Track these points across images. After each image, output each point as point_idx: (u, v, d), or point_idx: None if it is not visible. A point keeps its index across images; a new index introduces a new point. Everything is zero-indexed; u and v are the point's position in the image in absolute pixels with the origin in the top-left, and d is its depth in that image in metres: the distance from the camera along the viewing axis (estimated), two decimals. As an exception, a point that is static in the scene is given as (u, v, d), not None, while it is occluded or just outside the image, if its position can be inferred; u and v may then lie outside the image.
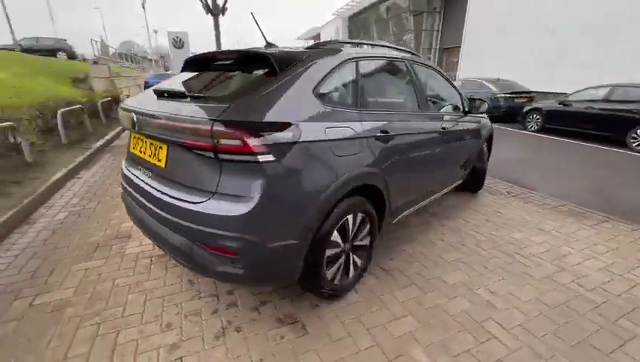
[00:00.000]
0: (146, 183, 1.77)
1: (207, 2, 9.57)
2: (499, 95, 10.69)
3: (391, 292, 2.10)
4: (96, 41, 19.53)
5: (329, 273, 1.87)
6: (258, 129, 1.40)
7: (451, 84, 3.16)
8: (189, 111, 1.49)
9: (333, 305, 1.97)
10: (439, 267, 2.40)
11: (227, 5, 9.91)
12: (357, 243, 2.04)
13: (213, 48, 9.54)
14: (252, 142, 1.38)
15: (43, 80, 9.57)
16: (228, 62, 1.97)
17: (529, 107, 9.65)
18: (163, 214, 1.61)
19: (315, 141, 1.60)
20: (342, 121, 1.78)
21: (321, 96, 1.73)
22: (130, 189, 1.92)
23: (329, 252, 1.81)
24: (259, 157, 1.41)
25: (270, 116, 1.45)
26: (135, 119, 1.73)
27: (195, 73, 2.14)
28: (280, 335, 1.74)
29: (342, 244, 1.90)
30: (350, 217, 1.89)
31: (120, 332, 1.74)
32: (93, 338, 1.70)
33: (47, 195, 3.57)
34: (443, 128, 2.68)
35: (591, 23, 10.79)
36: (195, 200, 1.50)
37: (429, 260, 2.48)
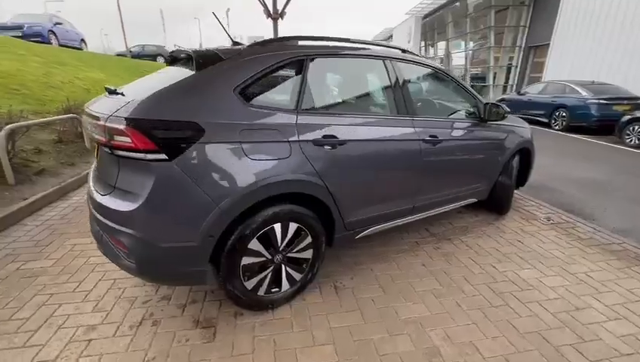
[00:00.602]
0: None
1: (267, 7, 10.09)
2: (591, 101, 8.88)
3: (327, 315, 1.89)
4: (179, 47, 22.36)
5: (249, 282, 1.77)
6: (148, 126, 1.39)
7: (464, 88, 2.71)
8: (102, 107, 1.55)
9: (257, 317, 1.85)
10: (401, 296, 2.07)
11: (286, 9, 10.30)
12: (292, 255, 1.89)
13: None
14: (140, 139, 1.38)
15: (130, 78, 11.28)
16: (181, 60, 2.02)
17: (630, 116, 7.79)
18: (91, 206, 1.72)
19: (224, 142, 1.52)
20: (269, 122, 1.66)
21: (246, 96, 1.64)
22: None
23: (247, 260, 1.71)
24: (148, 155, 1.39)
25: (164, 114, 1.43)
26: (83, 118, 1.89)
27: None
28: (187, 337, 1.71)
29: (267, 254, 1.78)
30: (278, 226, 1.75)
31: (61, 305, 1.92)
32: (39, 306, 1.91)
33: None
34: (432, 137, 2.31)
35: None
36: (101, 193, 1.56)
37: (393, 286, 2.17)
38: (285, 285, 1.92)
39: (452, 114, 2.81)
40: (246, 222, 1.64)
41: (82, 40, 14.32)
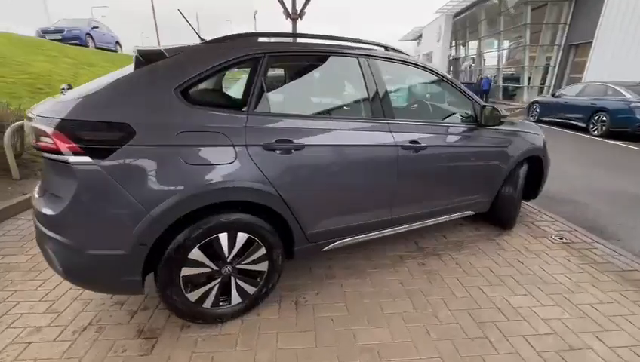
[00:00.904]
0: None
1: (286, 7, 10.09)
2: (636, 104, 8.01)
3: (278, 333, 1.74)
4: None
5: (192, 294, 1.66)
6: (71, 128, 1.32)
7: (458, 89, 2.45)
8: (38, 108, 1.51)
9: (203, 331, 1.74)
10: (365, 318, 1.87)
11: (306, 10, 10.24)
12: (243, 266, 1.76)
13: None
14: (63, 141, 1.31)
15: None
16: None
17: (681, 123, 6.93)
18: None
19: (158, 145, 1.43)
20: (212, 125, 1.54)
21: (189, 96, 1.54)
22: None
23: (188, 271, 1.61)
24: (70, 157, 1.33)
25: (91, 114, 1.36)
26: None
27: None
28: (125, 347, 1.63)
29: (212, 265, 1.66)
30: (224, 236, 1.63)
31: (19, 303, 1.93)
32: (0, 302, 1.93)
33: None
34: (413, 143, 2.09)
35: None
36: (37, 195, 1.53)
37: (360, 305, 1.98)
38: (236, 298, 1.79)
39: (446, 118, 2.56)
40: (185, 230, 1.53)
41: (117, 42, 15.14)
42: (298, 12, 10.30)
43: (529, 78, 17.28)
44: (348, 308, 1.95)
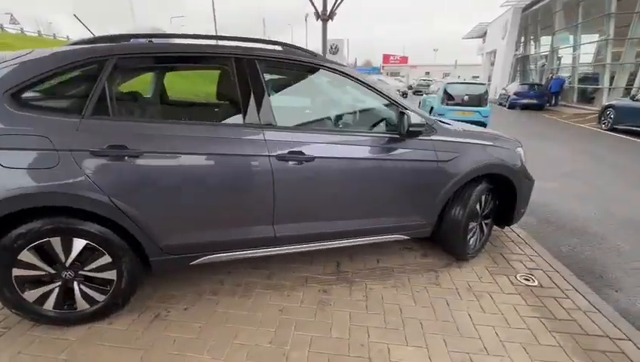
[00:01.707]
0: None
1: (316, 9, 10.03)
2: None
3: (112, 347, 1.66)
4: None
5: (29, 294, 1.67)
6: None
7: (377, 92, 2.09)
8: None
9: (47, 333, 1.74)
10: (209, 344, 1.69)
11: (336, 10, 10.06)
12: (87, 273, 1.72)
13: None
14: None
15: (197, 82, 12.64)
16: None
17: None
18: None
19: None
20: (35, 130, 1.52)
21: (20, 100, 1.54)
22: None
23: (20, 271, 1.62)
24: None
25: None
26: None
27: None
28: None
29: (48, 269, 1.65)
30: (57, 241, 1.61)
31: None
32: None
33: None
34: (294, 153, 1.82)
35: None
36: None
37: (216, 330, 1.79)
38: (82, 304, 1.76)
39: (358, 126, 2.21)
40: (10, 233, 1.54)
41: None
42: (329, 12, 10.18)
43: (611, 79, 14.56)
44: (201, 331, 1.79)
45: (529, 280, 2.31)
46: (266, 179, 1.81)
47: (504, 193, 2.53)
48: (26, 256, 1.59)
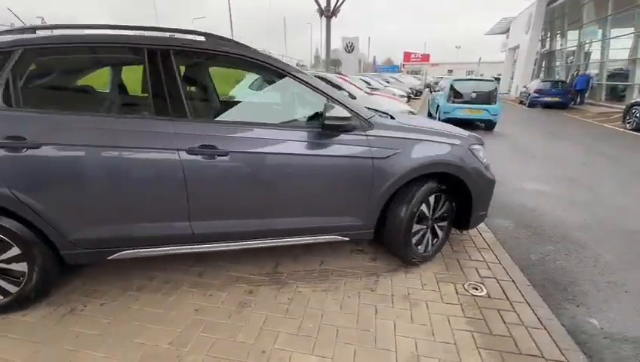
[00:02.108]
0: None
1: (320, 5, 9.91)
2: None
3: (19, 340, 1.65)
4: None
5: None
6: None
7: (313, 88, 1.97)
8: None
9: (-40, 321, 1.77)
10: (108, 342, 1.64)
11: (340, 8, 9.91)
12: (-1, 265, 1.73)
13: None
14: None
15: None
16: None
17: None
18: None
19: None
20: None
21: None
22: None
23: None
24: None
25: None
26: None
27: None
28: None
29: None
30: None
31: None
32: None
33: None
34: (205, 147, 1.75)
35: None
36: None
37: (122, 326, 1.74)
38: (-7, 294, 1.78)
39: (287, 120, 2.10)
40: None
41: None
42: (332, 9, 10.05)
43: (644, 75, 13.46)
44: (108, 327, 1.75)
45: (477, 289, 2.12)
46: (177, 173, 1.75)
47: (461, 195, 2.33)
48: None
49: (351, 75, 13.08)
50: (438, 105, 9.76)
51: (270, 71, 1.98)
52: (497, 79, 30.16)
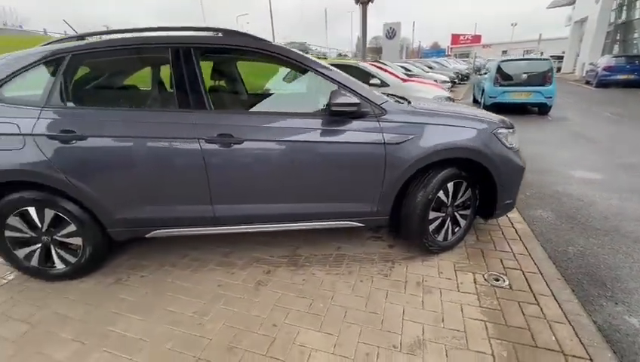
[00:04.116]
0: None
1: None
2: None
3: (72, 301, 1.97)
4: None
5: (20, 252, 2.06)
6: None
7: (325, 76, 2.01)
8: None
9: (38, 284, 2.15)
10: (144, 308, 1.89)
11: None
12: (59, 238, 2.06)
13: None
14: None
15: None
16: None
17: None
18: None
19: None
20: (10, 117, 1.86)
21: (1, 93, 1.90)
22: None
23: (10, 233, 2.01)
24: None
25: None
26: None
27: None
28: (-12, 282, 2.20)
29: (30, 232, 2.02)
30: (32, 210, 1.97)
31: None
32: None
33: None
34: (223, 135, 1.89)
35: None
36: None
37: (157, 295, 1.99)
38: (59, 264, 2.12)
39: (302, 108, 2.15)
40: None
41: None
42: (368, -5, 9.78)
43: None
44: (145, 296, 2.00)
45: (498, 281, 2.02)
46: (198, 161, 1.92)
47: (485, 182, 2.22)
48: (12, 220, 1.99)
49: (391, 61, 12.68)
50: (483, 90, 9.08)
51: (283, 61, 2.06)
52: (560, 57, 27.02)
